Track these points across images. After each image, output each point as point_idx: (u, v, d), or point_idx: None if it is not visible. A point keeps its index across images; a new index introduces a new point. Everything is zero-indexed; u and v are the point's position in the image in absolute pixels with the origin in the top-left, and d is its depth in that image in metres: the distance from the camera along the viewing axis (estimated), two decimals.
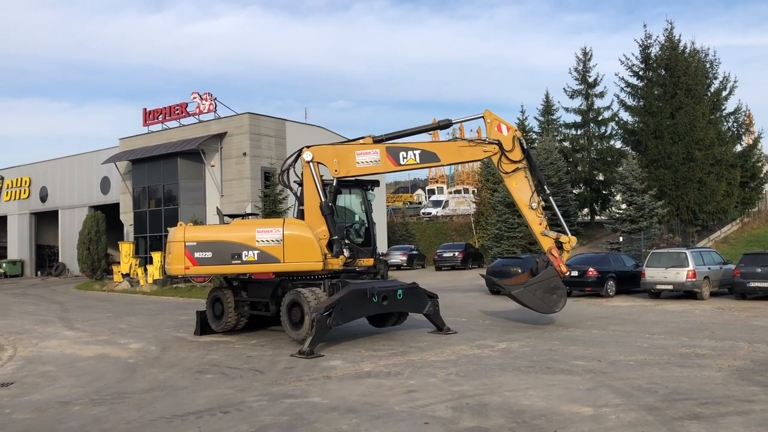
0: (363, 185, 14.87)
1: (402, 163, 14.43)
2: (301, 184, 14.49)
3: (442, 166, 15.32)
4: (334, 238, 13.56)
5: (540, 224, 14.91)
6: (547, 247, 14.72)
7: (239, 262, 13.44)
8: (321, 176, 14.19)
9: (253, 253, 13.39)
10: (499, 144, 14.63)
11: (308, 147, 14.42)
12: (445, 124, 15.21)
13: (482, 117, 14.90)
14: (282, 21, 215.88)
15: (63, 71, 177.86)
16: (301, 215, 14.37)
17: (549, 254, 14.64)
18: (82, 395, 9.14)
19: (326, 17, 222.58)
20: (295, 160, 14.73)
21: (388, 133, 14.97)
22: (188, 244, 13.69)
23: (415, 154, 14.46)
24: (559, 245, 14.83)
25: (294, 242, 13.38)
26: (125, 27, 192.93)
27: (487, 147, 14.71)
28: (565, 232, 15.01)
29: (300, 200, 14.66)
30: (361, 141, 14.74)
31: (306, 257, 13.35)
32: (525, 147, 14.82)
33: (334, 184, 14.25)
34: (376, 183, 15.52)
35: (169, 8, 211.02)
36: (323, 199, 13.84)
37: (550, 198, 15.39)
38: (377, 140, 14.64)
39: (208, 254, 13.54)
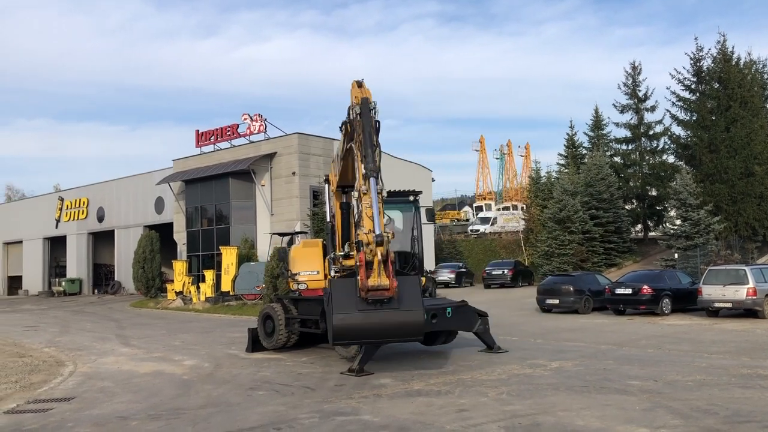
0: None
1: None
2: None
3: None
4: (328, 256, 13.66)
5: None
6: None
7: None
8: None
9: None
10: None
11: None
12: None
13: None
14: (330, 42, 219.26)
15: (119, 96, 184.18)
16: None
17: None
18: (140, 411, 9.36)
19: (374, 38, 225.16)
20: None
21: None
22: None
23: None
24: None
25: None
26: (179, 52, 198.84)
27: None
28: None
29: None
30: None
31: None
32: (350, 117, 11.11)
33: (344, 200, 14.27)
34: (414, 192, 14.45)
35: (221, 33, 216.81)
36: (327, 219, 14.04)
37: (372, 180, 10.41)
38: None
39: None
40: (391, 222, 14.39)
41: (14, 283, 55.81)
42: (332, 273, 13.46)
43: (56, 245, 52.88)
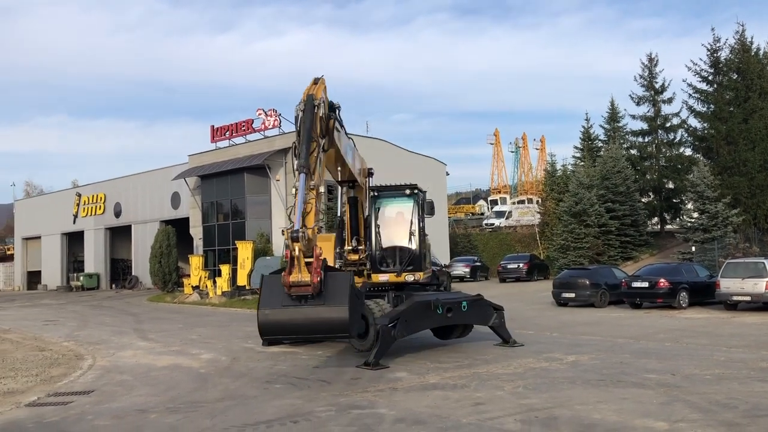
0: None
1: None
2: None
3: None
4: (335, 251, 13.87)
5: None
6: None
7: None
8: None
9: None
10: None
11: None
12: None
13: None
14: (345, 37, 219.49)
15: (135, 92, 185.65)
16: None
17: None
18: (158, 404, 9.45)
19: (388, 32, 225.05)
20: None
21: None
22: None
23: None
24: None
25: None
26: (195, 47, 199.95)
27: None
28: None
29: None
30: None
31: None
32: (296, 114, 11.02)
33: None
34: (410, 186, 14.20)
35: (236, 28, 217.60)
36: (338, 213, 14.54)
37: (302, 176, 10.15)
38: None
39: None
40: (400, 216, 14.38)
41: (33, 278, 56.45)
42: (338, 267, 13.57)
43: (74, 240, 53.39)
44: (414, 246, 13.85)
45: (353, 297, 10.11)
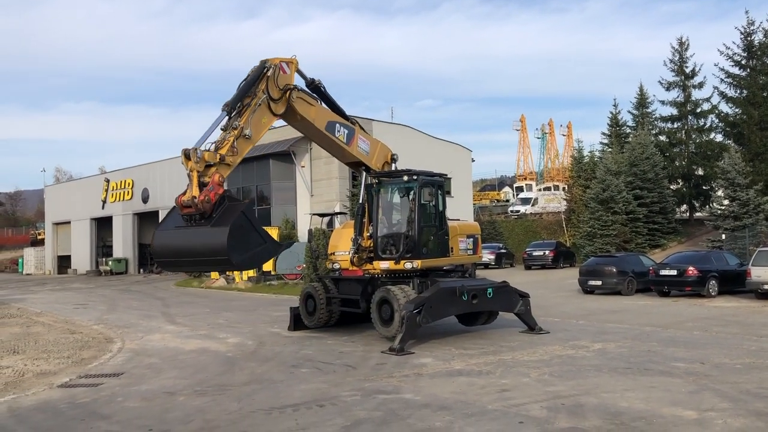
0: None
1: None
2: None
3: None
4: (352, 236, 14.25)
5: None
6: None
7: None
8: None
9: None
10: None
11: None
12: None
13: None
14: (371, 22, 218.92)
15: (162, 79, 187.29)
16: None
17: None
18: (186, 386, 9.59)
19: (414, 17, 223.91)
20: None
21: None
22: None
23: None
24: None
25: None
26: (220, 34, 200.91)
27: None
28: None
29: None
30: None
31: None
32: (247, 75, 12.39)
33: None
34: (408, 172, 13.97)
35: (262, 14, 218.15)
36: (360, 200, 14.72)
37: (223, 112, 11.85)
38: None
39: None
40: (399, 202, 14.45)
41: (63, 263, 57.43)
42: (352, 253, 13.67)
43: (103, 226, 54.12)
44: (412, 232, 13.46)
45: (244, 225, 10.20)
